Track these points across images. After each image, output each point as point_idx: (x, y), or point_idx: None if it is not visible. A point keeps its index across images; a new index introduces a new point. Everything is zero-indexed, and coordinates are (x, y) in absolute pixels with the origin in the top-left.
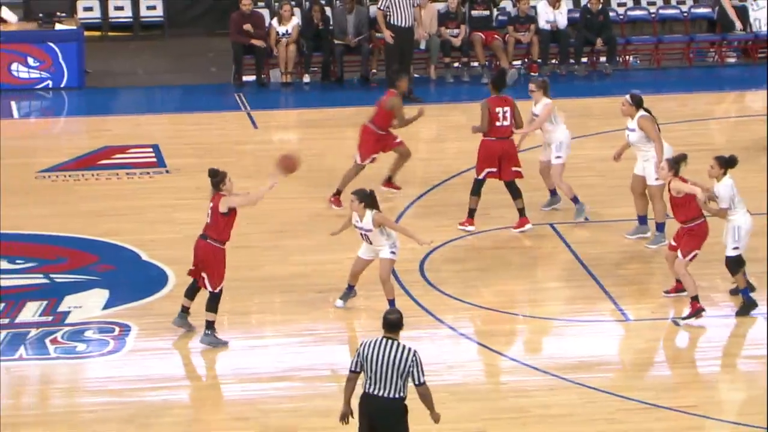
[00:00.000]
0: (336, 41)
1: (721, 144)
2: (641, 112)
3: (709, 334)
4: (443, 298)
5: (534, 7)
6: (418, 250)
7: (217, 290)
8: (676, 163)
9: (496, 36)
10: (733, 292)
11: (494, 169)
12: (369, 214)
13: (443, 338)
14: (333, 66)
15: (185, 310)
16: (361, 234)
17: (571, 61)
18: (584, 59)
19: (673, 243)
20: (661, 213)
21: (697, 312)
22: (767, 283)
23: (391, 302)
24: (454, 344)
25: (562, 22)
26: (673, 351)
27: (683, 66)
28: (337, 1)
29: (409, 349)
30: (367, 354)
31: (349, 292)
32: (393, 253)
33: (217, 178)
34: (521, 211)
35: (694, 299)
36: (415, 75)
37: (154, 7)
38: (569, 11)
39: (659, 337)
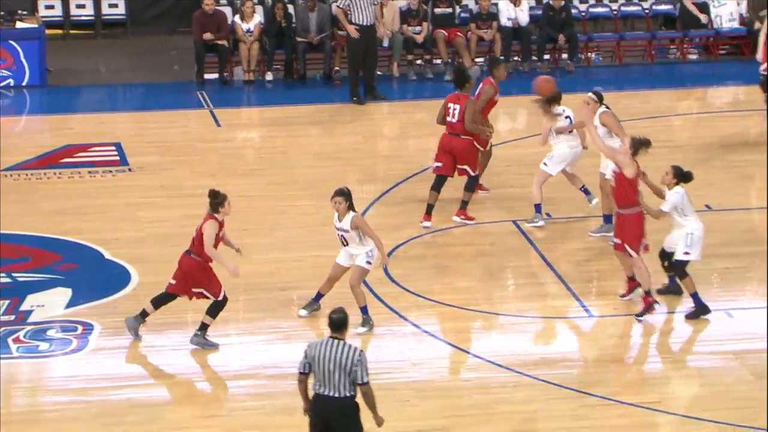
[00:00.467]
0: (298, 39)
1: (684, 140)
2: (602, 108)
3: (672, 331)
4: (407, 296)
5: (496, 5)
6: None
7: (220, 297)
8: (639, 145)
9: (458, 33)
10: (661, 291)
11: (440, 164)
12: (349, 215)
13: (407, 335)
14: (296, 64)
15: (144, 315)
16: (339, 235)
17: (534, 58)
18: (546, 56)
19: (618, 241)
20: (608, 206)
21: (649, 306)
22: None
23: (363, 309)
24: (418, 341)
25: (524, 19)
26: (636, 347)
27: (645, 63)
28: (300, 0)
29: (355, 349)
30: (314, 355)
31: (315, 302)
32: (368, 262)
33: (218, 199)
34: (463, 204)
35: (647, 293)
36: (378, 72)
37: (116, 5)
38: (531, 8)
39: (622, 333)
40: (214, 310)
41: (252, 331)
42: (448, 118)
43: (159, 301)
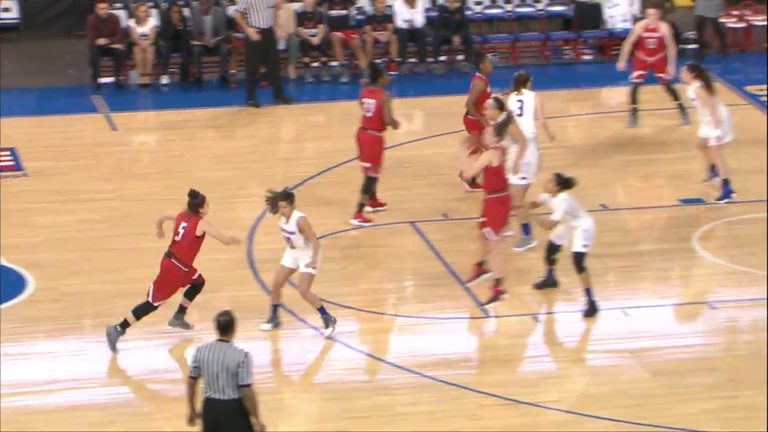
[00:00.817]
0: (194, 42)
1: (578, 141)
2: (504, 115)
3: (570, 330)
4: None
5: (391, 6)
6: (280, 250)
7: (155, 303)
8: (501, 128)
9: (354, 35)
10: (537, 286)
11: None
12: (294, 216)
13: (306, 338)
14: (191, 67)
15: (182, 310)
16: (285, 237)
17: (429, 59)
18: (442, 58)
19: (483, 219)
20: (523, 213)
21: (497, 296)
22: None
23: (321, 310)
24: (318, 343)
25: (419, 20)
26: (535, 347)
27: (540, 63)
28: (195, 2)
29: (241, 351)
30: (203, 358)
31: (275, 313)
32: (314, 267)
33: (197, 200)
34: (360, 206)
35: (498, 282)
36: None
37: (8, 9)
38: (426, 10)
39: (521, 333)
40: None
41: (152, 334)
42: (363, 113)
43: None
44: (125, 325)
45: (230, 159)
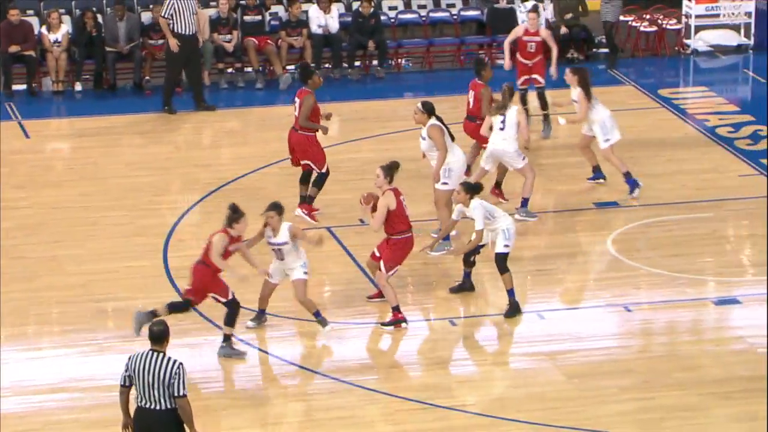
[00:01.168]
0: (108, 48)
1: None
2: (432, 120)
3: (486, 333)
4: (221, 305)
5: (306, 12)
6: (195, 257)
7: (230, 297)
8: (389, 170)
9: (268, 41)
10: (453, 290)
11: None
12: (284, 227)
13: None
14: (105, 73)
15: (153, 314)
16: (274, 250)
17: (344, 64)
18: (357, 63)
19: (377, 253)
20: (444, 219)
21: (397, 321)
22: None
23: (316, 314)
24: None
25: (334, 26)
26: (451, 351)
27: (454, 68)
28: (108, 8)
29: (174, 361)
30: (135, 367)
31: (261, 315)
32: (305, 273)
33: (236, 215)
34: (303, 198)
35: (395, 309)
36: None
37: None
38: (341, 15)
39: (437, 337)
40: (230, 319)
41: (66, 343)
42: (294, 112)
43: (174, 308)
44: (227, 338)
45: (146, 166)
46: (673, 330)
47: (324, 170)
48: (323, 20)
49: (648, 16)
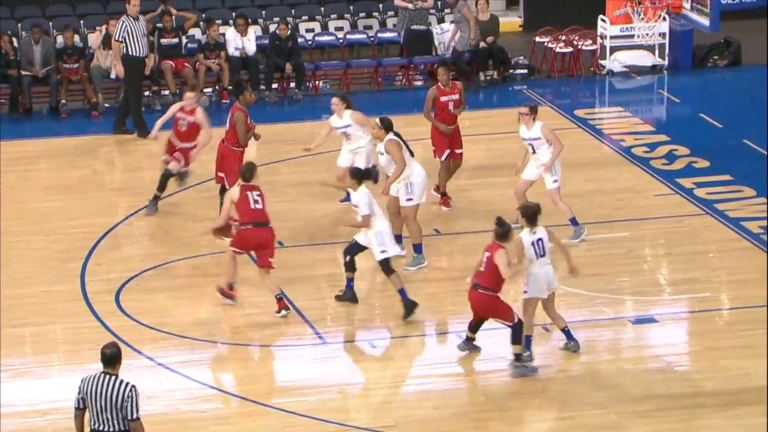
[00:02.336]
0: (23, 72)
1: None
2: (390, 136)
3: (407, 353)
4: (140, 328)
5: (223, 35)
6: (113, 281)
7: (515, 321)
8: (245, 170)
9: (186, 64)
10: (339, 298)
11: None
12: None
13: (141, 368)
14: (21, 97)
15: (517, 358)
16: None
17: (262, 87)
18: (275, 85)
19: (237, 249)
20: (416, 234)
21: (229, 296)
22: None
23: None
24: (153, 374)
25: (251, 48)
26: (373, 372)
27: (372, 90)
28: (24, 32)
29: (127, 384)
30: (88, 390)
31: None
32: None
33: (503, 228)
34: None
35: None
36: (106, 105)
37: None
38: (258, 38)
39: (360, 359)
40: (516, 337)
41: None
42: (226, 126)
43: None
44: (517, 357)
45: (62, 190)
46: (592, 349)
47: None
48: (240, 43)
49: (564, 38)
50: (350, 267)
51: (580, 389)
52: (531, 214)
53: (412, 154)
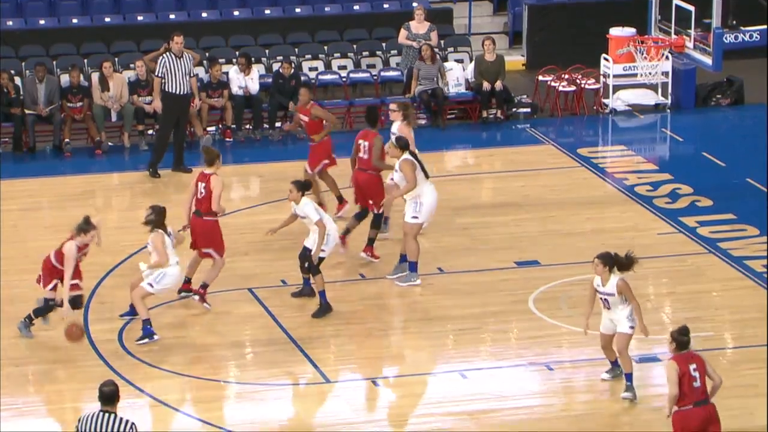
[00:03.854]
0: (27, 111)
1: None
2: (405, 155)
3: (408, 392)
4: (142, 366)
5: (226, 73)
6: (115, 320)
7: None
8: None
9: (193, 104)
10: (295, 295)
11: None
12: (613, 278)
13: (143, 407)
14: (24, 136)
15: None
16: (602, 299)
17: (265, 125)
18: (278, 124)
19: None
20: (413, 252)
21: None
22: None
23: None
24: (156, 413)
25: (254, 87)
26: (374, 413)
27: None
28: (27, 71)
29: (127, 421)
30: (86, 428)
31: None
32: (632, 327)
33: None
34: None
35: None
36: (110, 143)
37: None
38: (261, 76)
39: (360, 399)
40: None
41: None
42: (363, 154)
43: None
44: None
45: (65, 228)
46: (596, 388)
47: (380, 211)
48: (243, 81)
49: (567, 76)
50: (307, 271)
51: (583, 428)
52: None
53: (426, 176)
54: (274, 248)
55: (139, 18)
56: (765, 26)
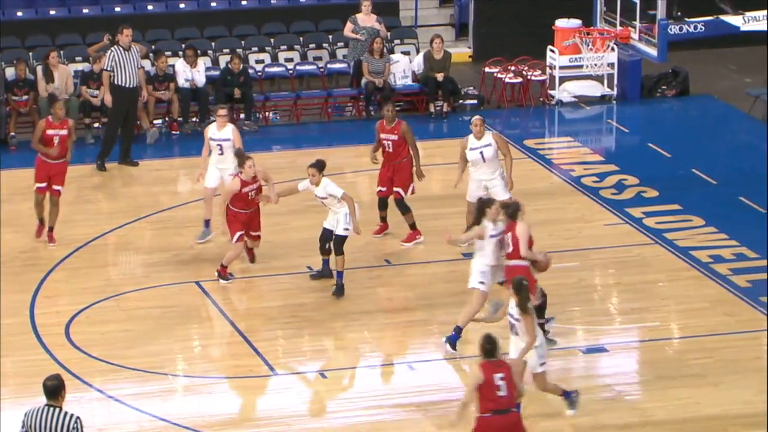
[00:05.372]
0: None
1: (364, 196)
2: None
3: (354, 385)
4: (90, 361)
5: (172, 66)
6: (62, 314)
7: None
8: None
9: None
10: (314, 276)
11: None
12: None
13: (92, 401)
14: None
15: None
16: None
17: (212, 118)
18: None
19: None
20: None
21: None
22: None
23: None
24: (104, 407)
25: (201, 80)
26: (323, 403)
27: (323, 121)
28: None
29: (71, 416)
30: (32, 423)
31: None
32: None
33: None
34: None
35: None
36: None
37: None
38: (207, 69)
39: (308, 391)
40: None
41: None
42: (388, 148)
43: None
44: None
45: (10, 223)
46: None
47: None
48: (190, 74)
49: (513, 68)
50: (327, 252)
51: (530, 418)
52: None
53: None
54: (221, 241)
55: (85, 11)
56: (710, 17)
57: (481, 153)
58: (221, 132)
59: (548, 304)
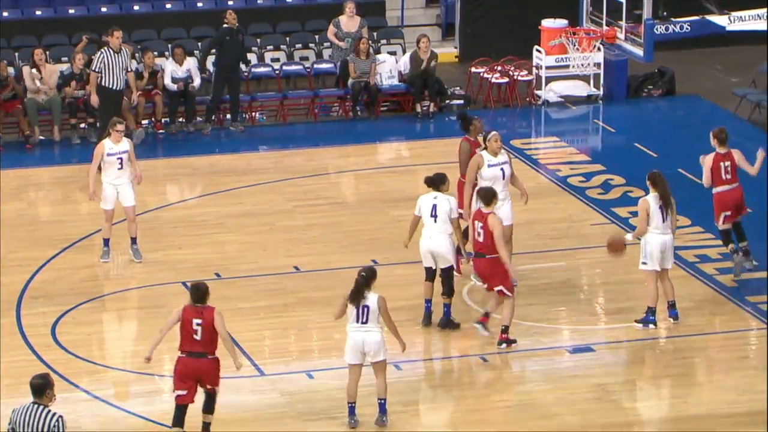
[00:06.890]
0: None
1: (349, 197)
2: None
3: (338, 385)
4: (77, 361)
5: (160, 65)
6: (48, 314)
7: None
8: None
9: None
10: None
11: None
12: None
13: (78, 402)
14: None
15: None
16: None
17: (199, 119)
18: (212, 117)
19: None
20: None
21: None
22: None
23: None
24: (90, 407)
25: (197, 80)
26: (308, 404)
27: (309, 121)
28: None
29: (54, 414)
30: (17, 420)
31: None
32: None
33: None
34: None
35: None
36: (41, 137)
37: None
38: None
39: (293, 391)
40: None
41: None
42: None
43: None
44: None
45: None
46: (529, 379)
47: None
48: (179, 73)
49: (499, 68)
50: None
51: (518, 418)
52: None
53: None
54: (206, 242)
55: (71, 11)
56: (696, 17)
57: (502, 170)
58: (119, 145)
59: (533, 305)
